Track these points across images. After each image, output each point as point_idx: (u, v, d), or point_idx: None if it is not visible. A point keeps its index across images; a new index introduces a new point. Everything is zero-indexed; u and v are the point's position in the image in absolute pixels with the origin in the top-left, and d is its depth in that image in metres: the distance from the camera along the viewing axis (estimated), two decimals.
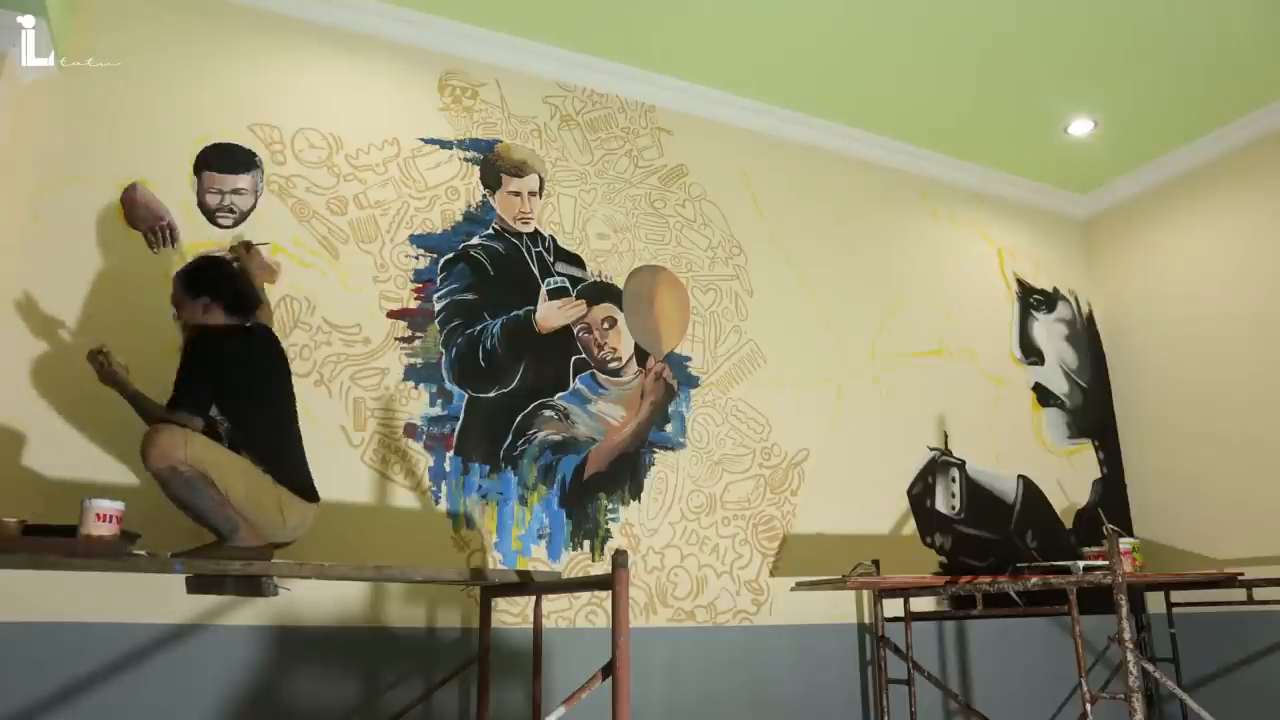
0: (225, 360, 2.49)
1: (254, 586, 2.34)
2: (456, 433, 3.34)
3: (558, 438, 3.51)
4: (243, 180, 3.27)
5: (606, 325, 3.74)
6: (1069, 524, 4.55)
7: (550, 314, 3.65)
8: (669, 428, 3.72)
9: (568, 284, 3.72)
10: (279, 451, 2.57)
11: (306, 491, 2.59)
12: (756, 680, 3.56)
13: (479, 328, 3.50)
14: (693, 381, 3.83)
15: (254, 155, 3.31)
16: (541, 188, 3.79)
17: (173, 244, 2.86)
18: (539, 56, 3.89)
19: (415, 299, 3.42)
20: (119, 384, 2.51)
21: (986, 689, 4.01)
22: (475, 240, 3.59)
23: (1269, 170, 4.32)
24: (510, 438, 3.42)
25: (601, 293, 3.78)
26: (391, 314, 3.37)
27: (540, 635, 2.87)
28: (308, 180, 3.37)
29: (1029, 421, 4.63)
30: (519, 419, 3.46)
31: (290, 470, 2.56)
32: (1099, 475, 4.74)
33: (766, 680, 3.58)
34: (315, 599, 2.95)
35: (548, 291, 3.67)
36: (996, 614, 3.70)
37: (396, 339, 3.35)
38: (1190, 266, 4.62)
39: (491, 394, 3.44)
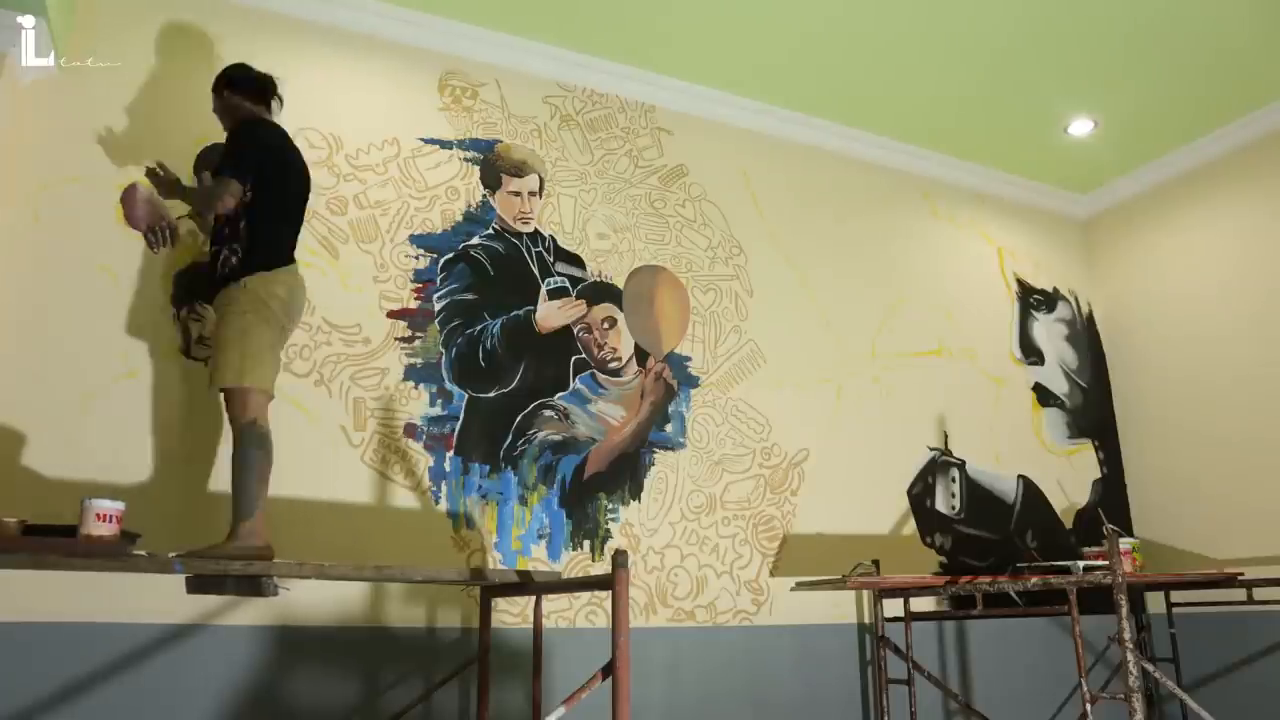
0: (260, 140, 2.75)
1: (254, 586, 2.34)
2: (456, 433, 3.34)
3: (558, 438, 3.51)
4: None
5: (606, 325, 3.74)
6: (1069, 524, 4.55)
7: (550, 314, 3.65)
8: (669, 428, 3.72)
9: (568, 284, 3.72)
10: (271, 229, 2.69)
11: (284, 258, 2.70)
12: (756, 680, 3.56)
13: (479, 328, 3.50)
14: (693, 381, 3.83)
15: None
16: (541, 188, 3.79)
17: (172, 244, 2.86)
18: (539, 56, 3.89)
19: (415, 299, 3.42)
20: (182, 192, 2.83)
21: (986, 689, 4.01)
22: (475, 240, 3.59)
23: (1269, 170, 4.32)
24: (510, 438, 3.42)
25: (601, 293, 3.78)
26: (391, 314, 3.37)
27: (540, 635, 2.87)
28: None
29: (1029, 421, 4.63)
30: (519, 419, 3.46)
31: (276, 244, 2.69)
32: (1099, 475, 4.74)
33: (766, 680, 3.58)
34: (315, 599, 2.95)
35: (548, 291, 3.67)
36: (996, 614, 3.70)
37: (396, 339, 3.35)
38: (1190, 266, 4.62)
39: (491, 394, 3.44)
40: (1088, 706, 2.92)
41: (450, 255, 3.53)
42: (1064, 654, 4.10)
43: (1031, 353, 4.78)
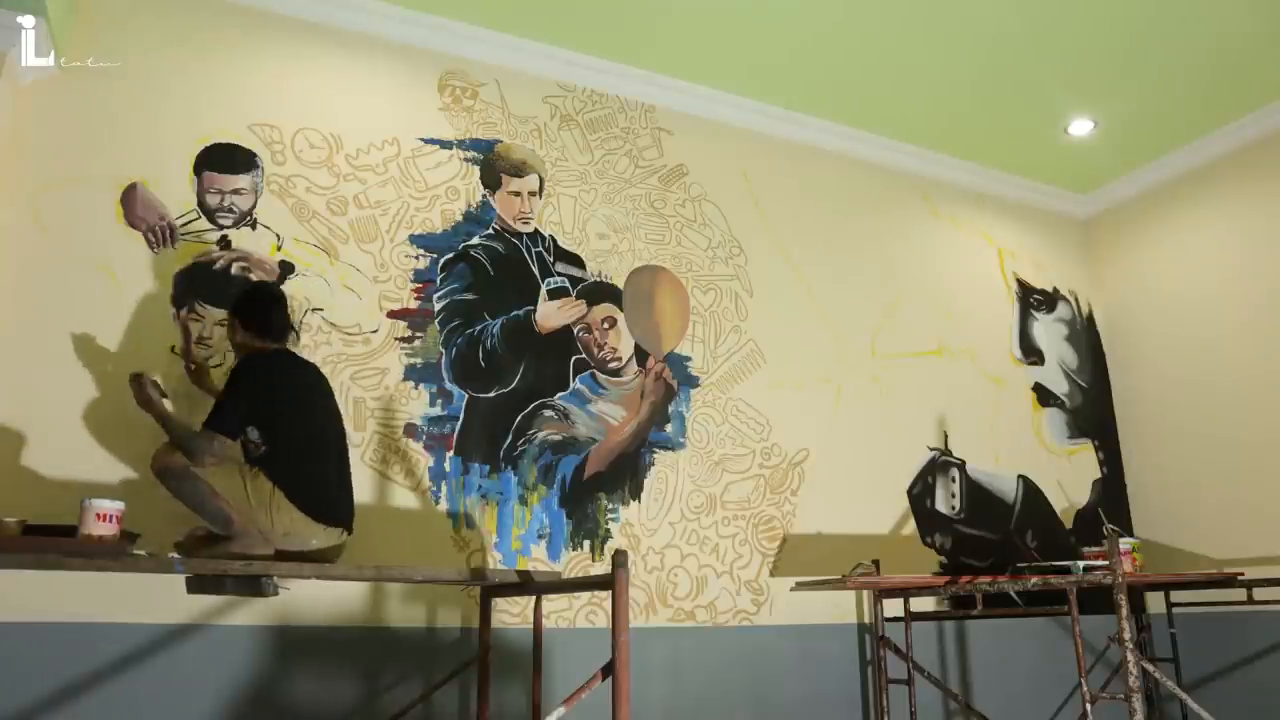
0: (255, 381, 2.51)
1: (254, 586, 2.34)
2: (456, 433, 3.34)
3: (558, 438, 3.50)
4: (243, 180, 3.27)
5: (606, 325, 3.74)
6: (1069, 524, 4.55)
7: (550, 314, 3.65)
8: (669, 428, 3.72)
9: (568, 284, 3.72)
10: (296, 469, 2.49)
11: (318, 512, 2.49)
12: (756, 680, 3.56)
13: (479, 328, 3.50)
14: (693, 381, 3.83)
15: (254, 155, 3.31)
16: (541, 188, 3.79)
17: (172, 244, 2.87)
18: (539, 56, 3.89)
19: (415, 299, 3.42)
20: (152, 408, 2.49)
21: (986, 689, 4.01)
22: (475, 240, 3.59)
23: (1269, 170, 4.32)
24: (510, 438, 3.42)
25: (601, 293, 3.78)
26: (391, 314, 3.37)
27: (540, 635, 2.87)
28: (308, 180, 3.37)
29: (1029, 421, 4.63)
30: (519, 419, 3.46)
31: (304, 488, 2.48)
32: (1099, 475, 4.74)
33: (766, 680, 3.58)
34: (315, 599, 2.95)
35: (548, 291, 3.67)
36: (996, 614, 3.70)
37: (396, 339, 3.35)
38: (1190, 266, 4.62)
39: (491, 394, 3.44)
40: (1088, 706, 2.92)
41: (450, 255, 3.53)
42: (1064, 654, 4.10)
43: (1031, 353, 4.78)
